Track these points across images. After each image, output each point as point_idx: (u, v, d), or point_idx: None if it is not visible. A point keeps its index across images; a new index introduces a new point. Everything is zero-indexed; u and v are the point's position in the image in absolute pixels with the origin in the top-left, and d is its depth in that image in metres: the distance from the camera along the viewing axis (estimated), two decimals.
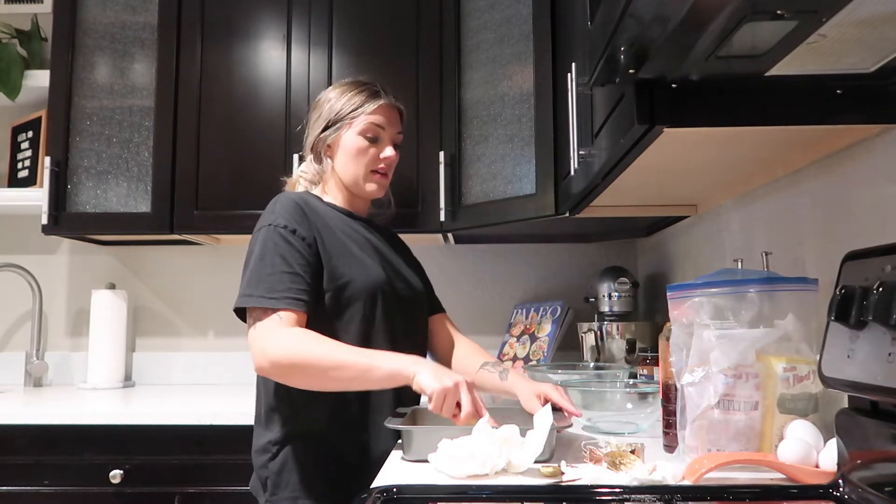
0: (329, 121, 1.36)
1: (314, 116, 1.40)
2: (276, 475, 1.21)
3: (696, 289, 0.96)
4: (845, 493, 0.74)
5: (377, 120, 1.35)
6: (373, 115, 1.35)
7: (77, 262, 2.35)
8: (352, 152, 1.35)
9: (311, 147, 1.40)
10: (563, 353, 2.05)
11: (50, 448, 1.66)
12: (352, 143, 1.34)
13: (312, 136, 1.39)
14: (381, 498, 0.78)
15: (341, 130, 1.35)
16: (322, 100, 1.40)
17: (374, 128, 1.35)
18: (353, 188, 1.37)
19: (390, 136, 1.39)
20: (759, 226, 1.33)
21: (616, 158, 1.07)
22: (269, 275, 1.17)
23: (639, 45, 0.76)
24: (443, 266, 2.33)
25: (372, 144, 1.35)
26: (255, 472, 1.26)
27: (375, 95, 1.37)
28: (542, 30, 1.67)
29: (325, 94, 1.41)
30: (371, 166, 1.36)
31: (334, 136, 1.36)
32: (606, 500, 0.79)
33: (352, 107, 1.35)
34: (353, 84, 1.39)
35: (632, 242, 2.31)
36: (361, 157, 1.35)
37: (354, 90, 1.37)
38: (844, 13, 0.65)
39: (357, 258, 1.28)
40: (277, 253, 1.19)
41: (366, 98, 1.35)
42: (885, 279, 0.68)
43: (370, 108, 1.35)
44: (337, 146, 1.36)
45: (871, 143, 0.95)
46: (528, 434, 0.96)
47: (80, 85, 2.03)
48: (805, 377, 0.90)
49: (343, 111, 1.35)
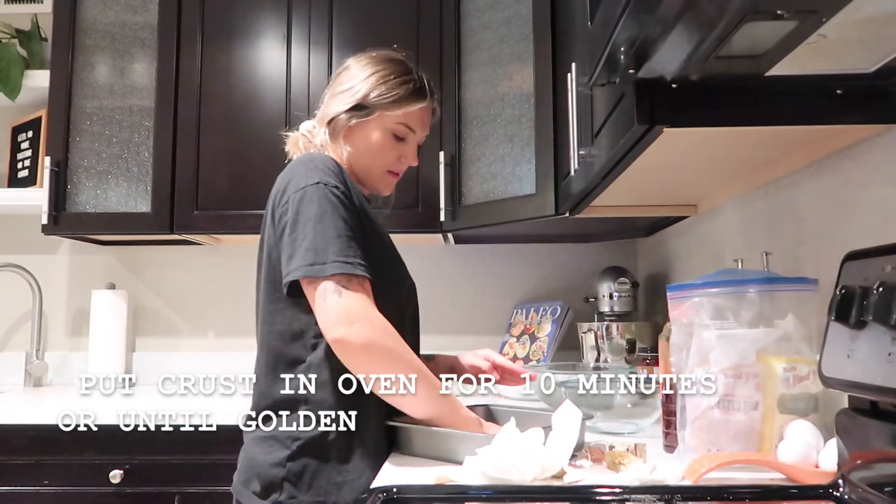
0: (359, 102, 1.19)
1: (340, 86, 1.22)
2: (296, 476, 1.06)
3: (696, 289, 0.95)
4: (845, 494, 0.74)
5: (412, 122, 1.22)
6: (409, 115, 1.21)
7: (77, 262, 2.35)
8: (375, 147, 1.21)
9: (327, 120, 1.22)
10: (563, 353, 2.05)
11: (50, 448, 1.66)
12: (378, 137, 1.20)
13: (333, 109, 1.21)
14: (381, 498, 0.78)
15: (370, 119, 1.19)
16: (354, 70, 1.22)
17: (406, 129, 1.22)
18: (361, 178, 1.24)
19: (419, 139, 1.26)
20: (759, 226, 1.33)
21: (616, 158, 1.07)
22: (337, 237, 1.03)
23: (639, 45, 0.76)
24: (443, 266, 2.33)
25: (398, 143, 1.22)
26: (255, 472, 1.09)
27: (420, 94, 1.21)
28: (542, 30, 1.67)
29: (360, 65, 1.22)
30: (390, 166, 1.24)
31: (360, 122, 1.20)
32: (606, 500, 0.79)
33: (391, 98, 1.18)
34: (396, 67, 1.22)
35: (632, 242, 2.31)
36: (383, 154, 1.22)
37: (398, 78, 1.20)
38: (844, 13, 0.65)
39: (388, 239, 1.21)
40: (338, 215, 1.05)
41: (409, 93, 1.20)
42: (885, 279, 0.68)
43: (411, 108, 1.20)
44: (359, 134, 1.21)
45: (871, 143, 0.95)
46: (549, 435, 0.95)
47: (80, 85, 2.03)
48: (805, 377, 0.90)
49: (378, 100, 1.18)
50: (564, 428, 0.95)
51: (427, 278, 2.30)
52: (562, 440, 0.93)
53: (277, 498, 1.05)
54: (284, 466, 1.06)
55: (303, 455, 1.06)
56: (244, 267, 2.40)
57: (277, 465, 1.06)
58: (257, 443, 1.11)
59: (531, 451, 0.89)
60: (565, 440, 0.92)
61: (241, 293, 2.31)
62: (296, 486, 1.05)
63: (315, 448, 1.07)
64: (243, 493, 1.09)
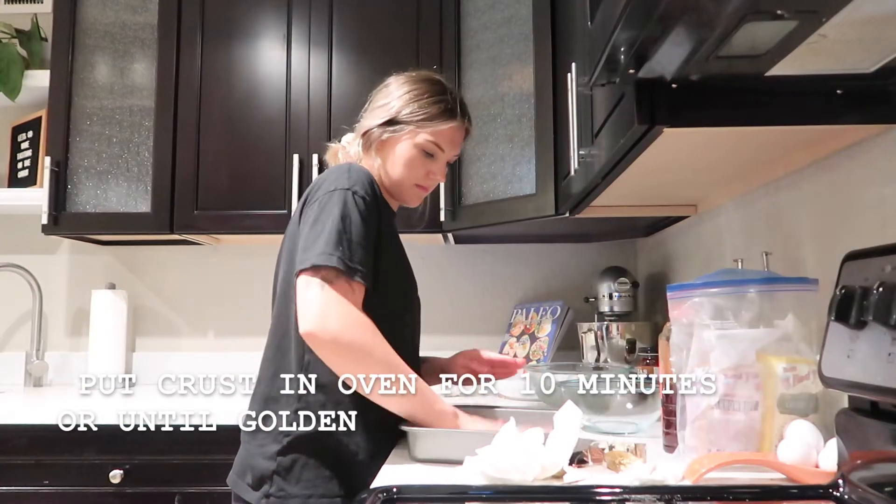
0: (392, 118, 1.25)
1: (379, 101, 1.29)
2: (286, 470, 1.10)
3: (696, 289, 0.95)
4: (845, 494, 0.74)
5: (441, 140, 1.26)
6: (439, 133, 1.26)
7: (77, 262, 2.35)
8: (404, 161, 1.26)
9: (363, 132, 1.29)
10: (563, 353, 2.05)
11: (50, 448, 1.66)
12: (407, 152, 1.25)
13: (369, 122, 1.28)
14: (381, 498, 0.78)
15: (401, 135, 1.25)
16: (393, 87, 1.29)
17: (435, 146, 1.26)
18: (391, 190, 1.30)
19: (448, 157, 1.30)
20: (759, 226, 1.33)
21: (616, 158, 1.07)
22: (349, 240, 1.08)
23: (639, 46, 0.76)
24: (443, 266, 2.33)
25: (426, 159, 1.27)
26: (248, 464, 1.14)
27: (450, 114, 1.26)
28: (542, 30, 1.67)
29: (399, 83, 1.29)
30: (418, 181, 1.28)
31: (391, 137, 1.26)
32: (606, 500, 0.79)
33: (422, 116, 1.24)
34: (431, 86, 1.28)
35: (632, 242, 2.31)
36: (412, 169, 1.26)
37: (431, 97, 1.26)
38: (844, 13, 0.65)
39: (404, 254, 1.26)
40: (358, 221, 1.10)
41: (440, 112, 1.25)
42: (885, 279, 0.68)
43: (440, 126, 1.25)
44: (390, 148, 1.27)
45: (871, 143, 0.95)
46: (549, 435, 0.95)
47: (80, 85, 2.03)
48: (805, 377, 0.90)
49: (410, 116, 1.25)
50: (564, 428, 0.95)
51: (427, 278, 2.30)
52: (562, 440, 0.93)
53: (268, 490, 1.10)
54: (275, 460, 1.10)
55: (293, 450, 1.10)
56: (244, 267, 2.42)
57: (269, 458, 1.11)
58: (252, 437, 1.16)
59: (531, 451, 0.89)
60: (565, 440, 0.92)
61: (241, 293, 2.32)
62: (285, 479, 1.09)
63: (305, 443, 1.11)
64: (238, 485, 1.15)
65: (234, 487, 1.16)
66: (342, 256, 1.05)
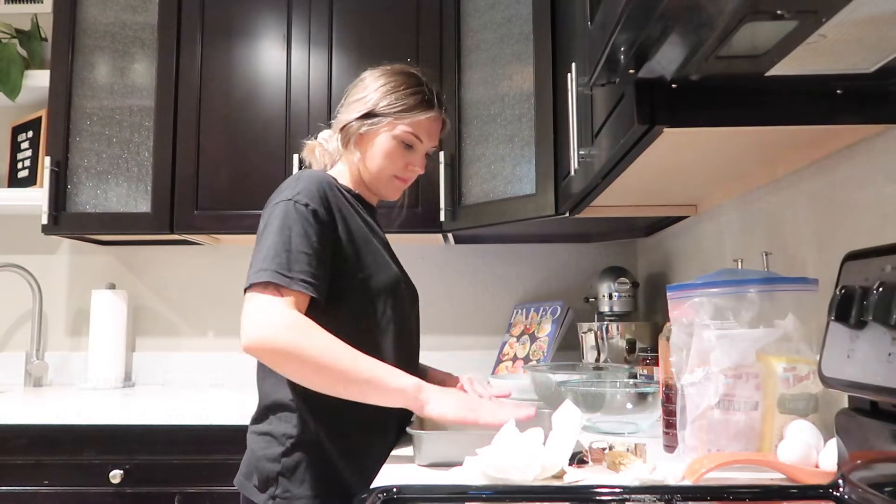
0: (370, 111, 1.26)
1: (355, 95, 1.30)
2: (290, 471, 1.11)
3: (696, 289, 0.95)
4: (845, 493, 0.74)
5: (420, 131, 1.28)
6: (417, 124, 1.27)
7: (77, 262, 2.35)
8: (382, 153, 1.27)
9: (341, 127, 1.29)
10: (563, 353, 2.05)
11: (50, 448, 1.66)
12: (385, 144, 1.26)
13: (346, 117, 1.28)
14: (381, 498, 0.78)
15: (379, 127, 1.26)
16: (368, 81, 1.29)
17: (413, 137, 1.27)
18: (370, 184, 1.31)
19: (426, 148, 1.32)
20: (759, 226, 1.33)
21: (616, 158, 1.07)
22: (288, 251, 1.08)
23: (639, 46, 0.76)
24: (443, 266, 2.33)
25: (406, 151, 1.28)
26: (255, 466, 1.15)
27: (428, 105, 1.28)
28: (542, 30, 1.68)
29: (374, 77, 1.30)
30: (397, 172, 1.29)
31: (369, 130, 1.26)
32: (606, 500, 0.79)
33: (399, 108, 1.26)
34: (407, 79, 1.29)
35: (632, 242, 2.31)
36: (390, 161, 1.27)
37: (407, 89, 1.27)
38: (844, 13, 0.65)
39: (379, 252, 1.23)
40: (297, 230, 1.10)
41: (416, 104, 1.27)
42: (885, 279, 0.68)
43: (417, 117, 1.27)
44: (369, 141, 1.27)
45: (871, 143, 0.95)
46: (549, 435, 0.95)
47: (80, 85, 2.04)
48: (805, 377, 0.90)
49: (388, 108, 1.25)
50: (564, 428, 0.95)
51: (427, 278, 2.31)
52: (562, 440, 0.93)
53: (274, 492, 1.11)
54: (279, 462, 1.12)
55: (296, 452, 1.12)
56: (244, 267, 2.39)
57: (273, 460, 1.12)
58: (257, 439, 1.17)
59: (531, 451, 0.89)
60: (565, 440, 0.92)
61: (241, 293, 2.30)
62: (290, 480, 1.11)
63: (309, 445, 1.12)
64: (245, 486, 1.16)
65: (241, 489, 1.17)
66: (277, 269, 1.06)
